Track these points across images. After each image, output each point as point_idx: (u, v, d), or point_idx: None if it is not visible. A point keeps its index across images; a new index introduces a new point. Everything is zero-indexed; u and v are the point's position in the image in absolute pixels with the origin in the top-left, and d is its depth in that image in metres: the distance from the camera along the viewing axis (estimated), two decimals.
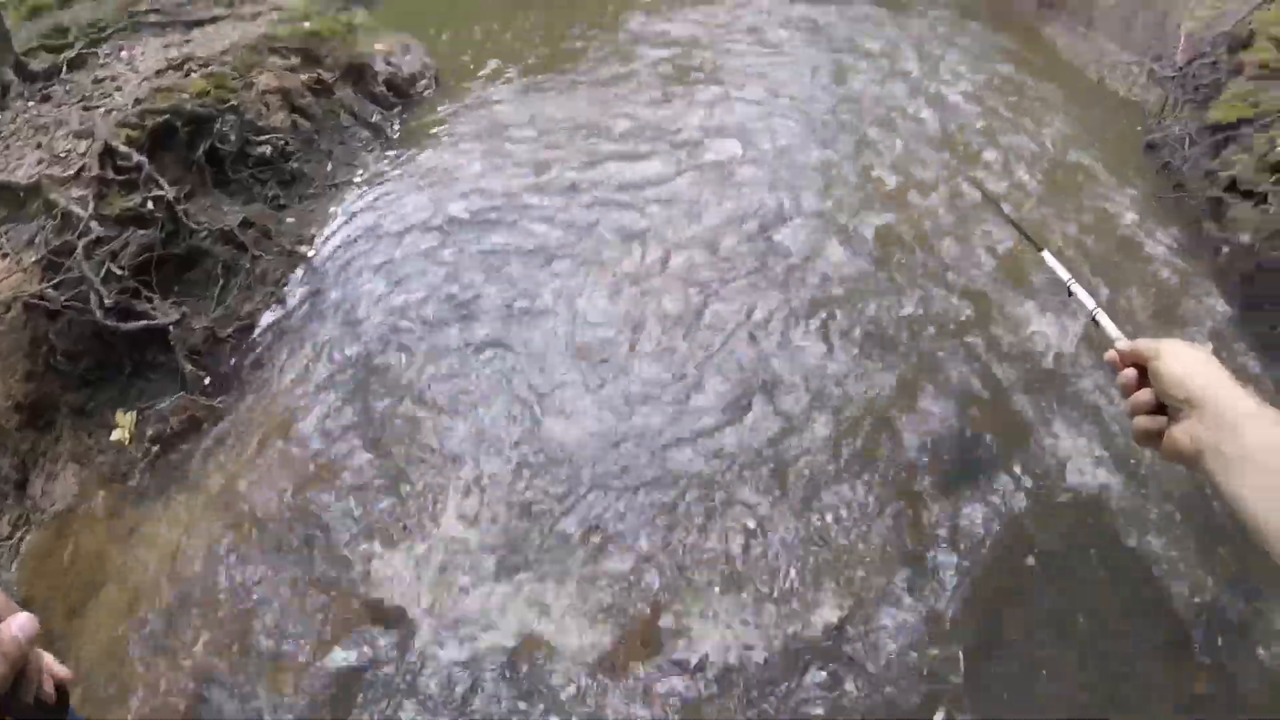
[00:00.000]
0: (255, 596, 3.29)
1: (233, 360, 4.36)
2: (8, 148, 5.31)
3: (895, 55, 7.89)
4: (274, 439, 3.89)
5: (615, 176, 5.53)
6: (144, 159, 4.71)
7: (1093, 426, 3.74)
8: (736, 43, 7.98)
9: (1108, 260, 4.93)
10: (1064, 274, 1.30)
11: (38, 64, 6.43)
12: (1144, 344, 0.97)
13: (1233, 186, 5.37)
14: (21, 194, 4.70)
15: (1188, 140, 6.21)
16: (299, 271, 4.86)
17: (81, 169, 4.78)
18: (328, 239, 5.14)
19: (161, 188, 4.65)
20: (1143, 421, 0.95)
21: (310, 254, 4.99)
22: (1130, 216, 5.34)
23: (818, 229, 4.98)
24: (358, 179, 5.76)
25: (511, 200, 5.33)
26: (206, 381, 4.25)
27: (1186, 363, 0.90)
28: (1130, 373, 0.98)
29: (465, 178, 5.64)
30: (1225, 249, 5.15)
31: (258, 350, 4.40)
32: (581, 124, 6.20)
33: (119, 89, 5.89)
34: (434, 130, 6.43)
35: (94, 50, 6.79)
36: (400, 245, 4.97)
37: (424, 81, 7.11)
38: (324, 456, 3.76)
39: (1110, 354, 1.03)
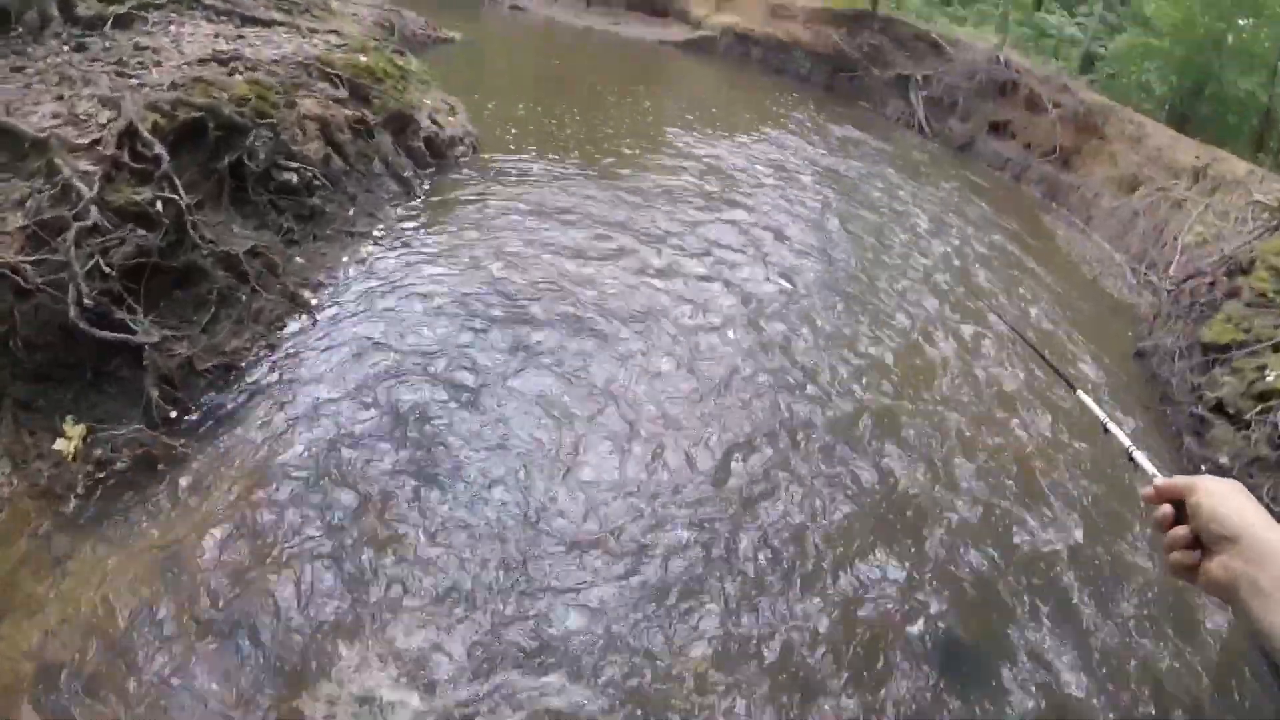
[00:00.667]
0: (175, 684, 2.85)
1: (206, 399, 3.96)
2: (28, 87, 4.90)
3: (908, 214, 8.25)
4: (231, 505, 3.48)
5: (635, 299, 5.42)
6: (164, 153, 4.37)
7: None
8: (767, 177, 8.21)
9: (1085, 459, 4.98)
10: (1101, 415, 1.37)
11: (85, 8, 6.10)
12: (1181, 480, 0.97)
13: (1218, 408, 5.53)
14: (27, 145, 4.25)
15: (1178, 354, 6.38)
16: (297, 320, 4.52)
17: (97, 141, 4.40)
18: (334, 292, 4.83)
19: (176, 190, 4.31)
20: (1178, 557, 0.95)
21: (314, 301, 4.67)
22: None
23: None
24: (378, 232, 5.50)
25: (526, 296, 5.16)
26: (172, 415, 3.82)
27: (1223, 497, 0.91)
28: (1167, 509, 0.98)
29: (485, 260, 5.44)
30: (1204, 468, 5.23)
31: (235, 396, 4.00)
32: (610, 224, 6.13)
33: (159, 64, 5.57)
34: (462, 201, 6.26)
35: (144, 13, 6.49)
36: (405, 324, 4.67)
37: (462, 148, 6.99)
38: (278, 540, 3.38)
39: (1147, 490, 1.03)
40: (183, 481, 3.56)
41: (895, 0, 18.24)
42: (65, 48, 5.68)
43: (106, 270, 3.90)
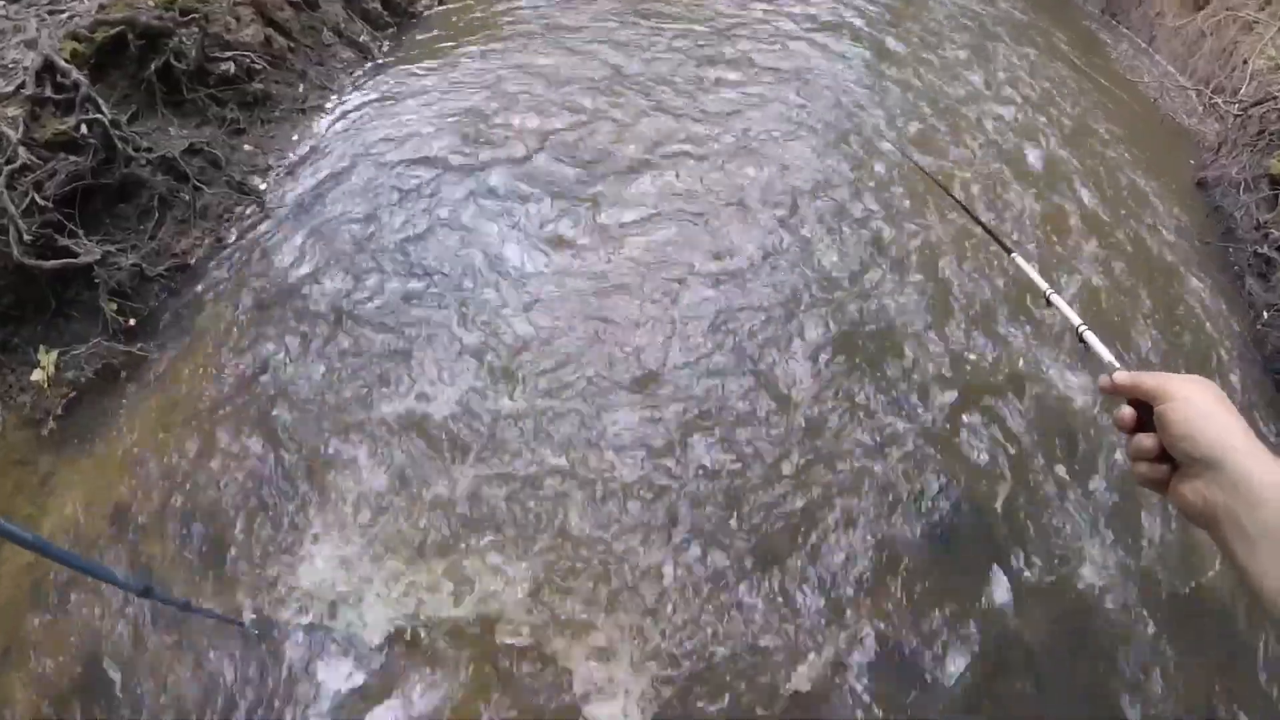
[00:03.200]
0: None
1: (160, 302, 3.96)
2: None
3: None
4: (188, 399, 3.49)
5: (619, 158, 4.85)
6: (82, 77, 4.26)
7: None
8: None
9: (1137, 301, 4.31)
10: (1041, 282, 1.20)
11: None
12: (1148, 380, 0.87)
13: None
14: None
15: (1244, 186, 5.78)
16: (247, 207, 4.39)
17: (21, 85, 4.39)
18: (286, 172, 4.65)
19: (100, 110, 4.21)
20: (1144, 469, 0.87)
21: (263, 187, 4.52)
22: (1170, 257, 4.72)
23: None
24: (330, 104, 5.23)
25: (494, 156, 4.76)
26: (132, 323, 3.87)
27: (1200, 413, 0.80)
28: (1128, 410, 0.89)
29: (450, 118, 5.06)
30: (1266, 314, 4.69)
31: (189, 294, 3.99)
32: (595, 80, 5.53)
33: None
34: (423, 58, 5.83)
35: None
36: (355, 196, 4.44)
37: (425, 1, 6.48)
38: (230, 434, 3.33)
39: (1104, 381, 0.93)
40: (144, 384, 3.62)
41: None
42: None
43: (43, 203, 3.92)
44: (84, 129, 4.20)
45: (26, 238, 3.79)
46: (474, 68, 5.67)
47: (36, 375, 3.69)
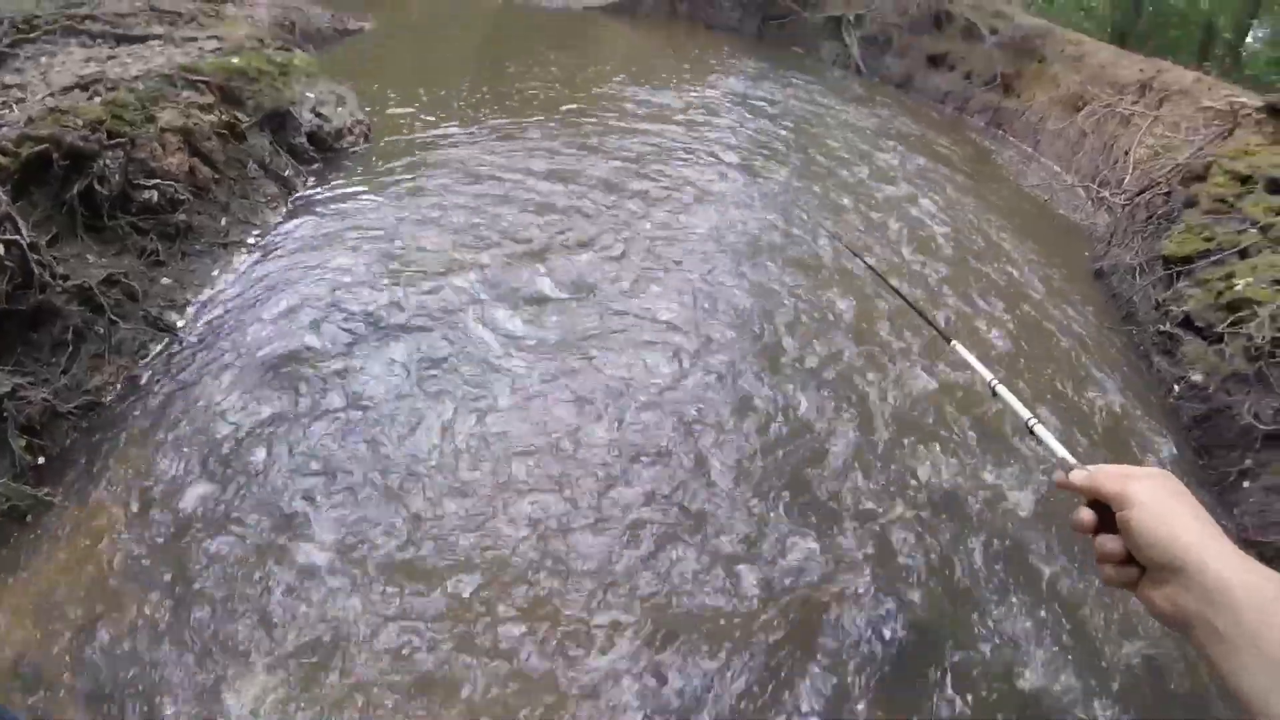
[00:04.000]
0: None
1: (71, 442, 3.89)
2: None
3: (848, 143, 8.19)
4: (91, 551, 3.44)
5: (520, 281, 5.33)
6: (3, 194, 4.24)
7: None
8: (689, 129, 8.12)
9: (1053, 389, 4.87)
10: (985, 372, 1.18)
11: None
12: (1106, 483, 0.83)
13: (1187, 323, 5.29)
14: None
15: (1138, 270, 6.09)
16: (163, 344, 4.43)
17: None
18: (202, 309, 4.73)
19: (18, 231, 4.18)
20: (1110, 573, 0.84)
21: (180, 323, 4.57)
22: (1076, 345, 5.30)
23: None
24: (252, 239, 5.38)
25: (403, 290, 5.09)
26: (40, 461, 3.77)
27: (1163, 518, 0.78)
28: (1088, 514, 0.86)
29: (370, 255, 5.35)
30: (1176, 387, 5.04)
31: (100, 435, 3.94)
32: (503, 222, 6.02)
33: (21, 101, 5.40)
34: (345, 193, 6.12)
35: (15, 51, 6.30)
36: (278, 336, 4.58)
37: (351, 138, 6.82)
38: (138, 584, 3.32)
39: (1060, 478, 0.90)
40: (50, 530, 3.52)
41: None
42: None
43: None
44: (0, 249, 4.16)
45: None
46: (397, 204, 6.01)
47: None
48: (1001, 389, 1.13)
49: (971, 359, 1.24)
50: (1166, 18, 16.65)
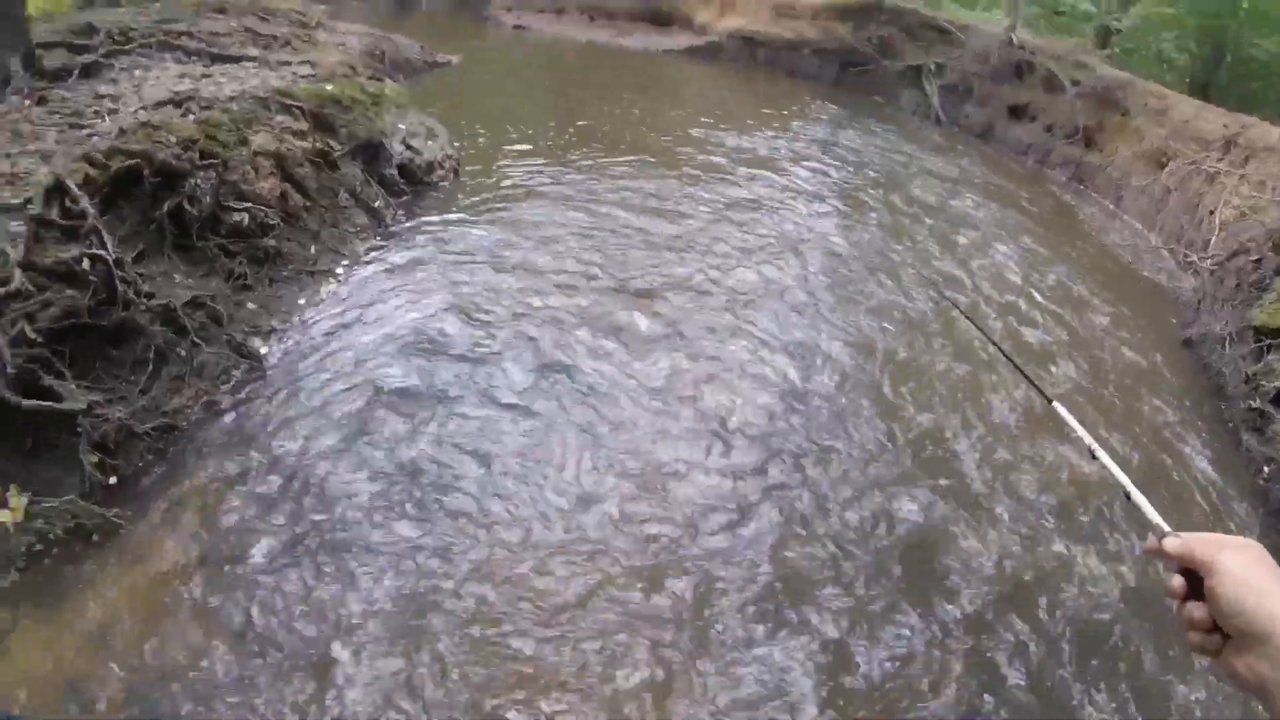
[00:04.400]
0: None
1: (145, 463, 3.62)
2: None
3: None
4: (161, 580, 3.14)
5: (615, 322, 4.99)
6: (91, 207, 4.07)
7: None
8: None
9: (1141, 466, 4.53)
10: (1086, 436, 1.12)
11: (52, 60, 5.93)
12: (1199, 548, 0.83)
13: (1278, 399, 4.98)
14: None
15: (1228, 340, 5.80)
16: (245, 371, 4.17)
17: (29, 201, 4.16)
18: (287, 337, 4.48)
19: (104, 245, 4.00)
20: (1196, 640, 0.83)
21: (264, 351, 4.32)
22: (1164, 419, 4.98)
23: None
24: (340, 269, 5.16)
25: (495, 327, 4.79)
26: (111, 482, 3.50)
27: (1246, 584, 0.78)
28: (1179, 581, 0.85)
29: (451, 289, 5.08)
30: (1267, 469, 4.73)
31: (175, 460, 3.67)
32: (593, 262, 5.73)
33: (114, 112, 5.35)
34: (435, 228, 5.91)
35: (110, 61, 6.32)
36: (361, 367, 4.31)
37: (441, 172, 6.65)
38: (201, 629, 3.00)
39: (1151, 544, 0.89)
40: (116, 553, 3.25)
41: None
42: (27, 103, 5.51)
43: (32, 336, 3.62)
44: (86, 263, 3.98)
45: (10, 370, 3.47)
46: (486, 240, 5.77)
47: (3, 515, 3.27)
48: (1101, 453, 1.09)
49: (1072, 420, 1.18)
50: (1248, 68, 16.00)
